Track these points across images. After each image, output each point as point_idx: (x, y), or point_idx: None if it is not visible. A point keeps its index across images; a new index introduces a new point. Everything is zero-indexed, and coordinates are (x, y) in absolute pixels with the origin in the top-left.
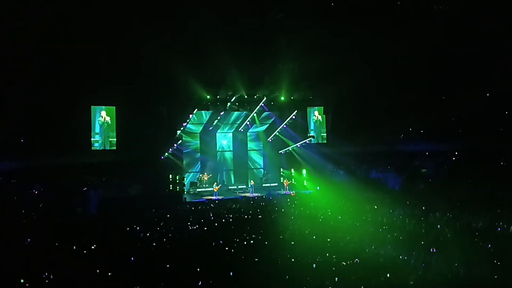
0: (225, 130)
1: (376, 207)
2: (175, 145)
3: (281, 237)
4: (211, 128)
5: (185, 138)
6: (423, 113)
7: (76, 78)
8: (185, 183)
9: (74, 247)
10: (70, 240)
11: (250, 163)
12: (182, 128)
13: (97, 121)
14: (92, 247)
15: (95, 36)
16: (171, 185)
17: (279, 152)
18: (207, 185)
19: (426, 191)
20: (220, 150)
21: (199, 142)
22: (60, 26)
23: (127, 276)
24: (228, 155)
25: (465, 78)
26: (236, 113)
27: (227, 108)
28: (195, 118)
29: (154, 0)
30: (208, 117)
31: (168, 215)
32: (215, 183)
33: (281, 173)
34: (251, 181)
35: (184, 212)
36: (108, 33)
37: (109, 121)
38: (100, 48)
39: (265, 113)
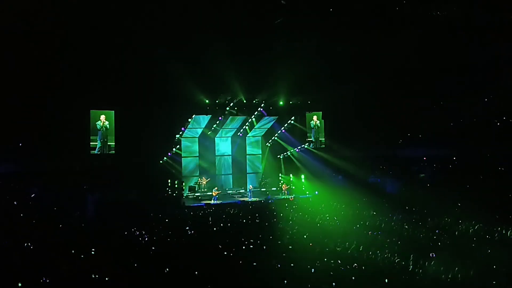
0: (224, 135)
1: (374, 212)
2: (174, 149)
3: (279, 241)
4: (209, 132)
5: (184, 142)
6: (421, 118)
7: (75, 82)
8: (184, 187)
9: (73, 251)
10: (68, 244)
11: (248, 168)
12: (180, 133)
13: (96, 125)
14: (91, 252)
15: (94, 40)
16: (169, 189)
17: (278, 156)
18: (205, 190)
19: (424, 196)
20: (218, 154)
21: (197, 146)
22: (59, 29)
23: (126, 281)
24: (227, 159)
25: (463, 83)
26: (235, 118)
27: (226, 112)
28: (194, 122)
29: (153, 5)
30: (206, 122)
31: (166, 220)
32: (215, 188)
33: (280, 178)
34: (250, 185)
35: (182, 217)
36: (107, 37)
37: (108, 125)
38: (99, 52)
39: (265, 118)
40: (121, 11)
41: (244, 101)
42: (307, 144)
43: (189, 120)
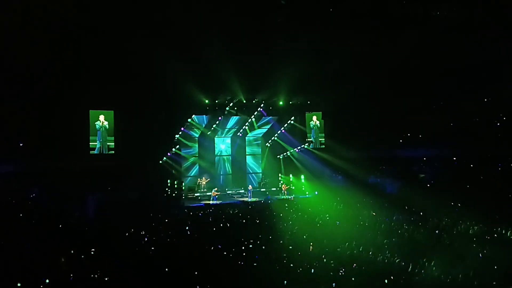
0: (224, 135)
1: (374, 212)
2: (173, 149)
3: (280, 242)
4: (209, 133)
5: (183, 142)
6: (421, 118)
7: (74, 82)
8: (183, 187)
9: (72, 251)
10: (68, 244)
11: (248, 168)
12: (180, 133)
13: (95, 126)
14: (91, 252)
15: (93, 40)
16: (169, 190)
17: (277, 157)
18: (205, 190)
19: (424, 196)
20: (218, 154)
21: (197, 146)
22: (59, 30)
23: (125, 281)
24: (227, 159)
25: (463, 83)
26: (234, 117)
27: (226, 112)
28: (193, 122)
29: (152, 5)
30: (206, 122)
31: (166, 220)
32: (215, 188)
33: (279, 178)
34: (249, 185)
35: (182, 217)
36: (106, 37)
37: (107, 125)
38: (99, 52)
39: (264, 119)
40: (121, 11)
41: (244, 101)
42: (306, 144)
43: (189, 120)
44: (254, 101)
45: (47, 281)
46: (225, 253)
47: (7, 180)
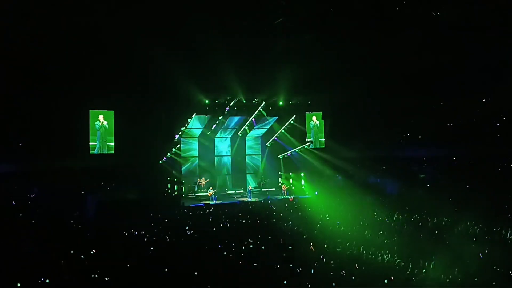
0: (224, 135)
1: (374, 212)
2: (173, 149)
3: (280, 242)
4: (209, 133)
5: (183, 142)
6: (421, 118)
7: (74, 82)
8: (183, 187)
9: (72, 251)
10: (68, 244)
11: (248, 168)
12: (180, 133)
13: (95, 126)
14: (91, 252)
15: (93, 40)
16: (169, 190)
17: (278, 157)
18: (205, 190)
19: (424, 196)
20: (218, 154)
21: (197, 146)
22: (59, 30)
23: (125, 281)
24: (226, 159)
25: (463, 83)
26: (235, 118)
27: (226, 112)
28: (194, 122)
29: (152, 5)
30: (206, 121)
31: (166, 220)
32: (211, 188)
33: (279, 178)
34: (249, 185)
35: (182, 217)
36: (106, 37)
37: (107, 125)
38: (99, 52)
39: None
40: (121, 11)
41: (244, 101)
42: (306, 144)
43: (189, 120)
44: (254, 101)
45: (47, 281)
46: (225, 253)
47: (7, 180)
